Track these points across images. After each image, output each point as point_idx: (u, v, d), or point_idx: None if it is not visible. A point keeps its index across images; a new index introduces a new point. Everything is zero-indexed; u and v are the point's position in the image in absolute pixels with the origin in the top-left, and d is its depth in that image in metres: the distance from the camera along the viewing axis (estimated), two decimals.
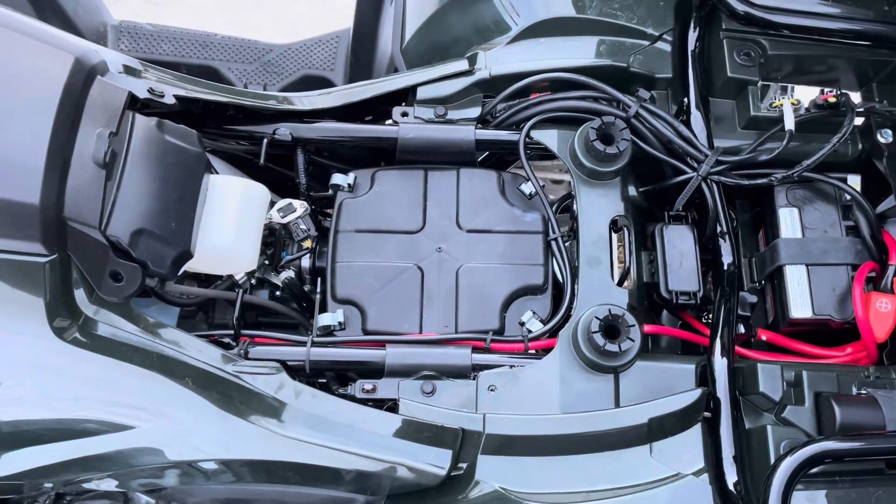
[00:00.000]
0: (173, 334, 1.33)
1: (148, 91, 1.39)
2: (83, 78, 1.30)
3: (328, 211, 1.62)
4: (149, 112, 1.40)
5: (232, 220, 1.41)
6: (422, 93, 1.59)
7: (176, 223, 1.34)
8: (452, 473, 1.29)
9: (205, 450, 1.29)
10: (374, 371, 1.36)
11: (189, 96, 1.46)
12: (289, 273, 1.51)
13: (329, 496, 1.41)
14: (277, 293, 1.54)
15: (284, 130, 1.55)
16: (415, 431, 1.29)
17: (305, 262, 1.52)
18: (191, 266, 1.39)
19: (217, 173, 1.52)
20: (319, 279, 1.50)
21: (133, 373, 1.29)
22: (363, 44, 2.37)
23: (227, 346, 1.38)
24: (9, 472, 1.26)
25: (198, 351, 1.33)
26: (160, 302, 1.46)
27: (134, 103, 1.37)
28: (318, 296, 1.48)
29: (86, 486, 1.36)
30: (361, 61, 2.41)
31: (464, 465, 1.29)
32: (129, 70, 1.42)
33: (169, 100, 1.41)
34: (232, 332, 1.41)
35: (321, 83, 2.45)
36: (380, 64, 2.27)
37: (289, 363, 1.36)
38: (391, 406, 1.34)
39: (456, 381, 1.34)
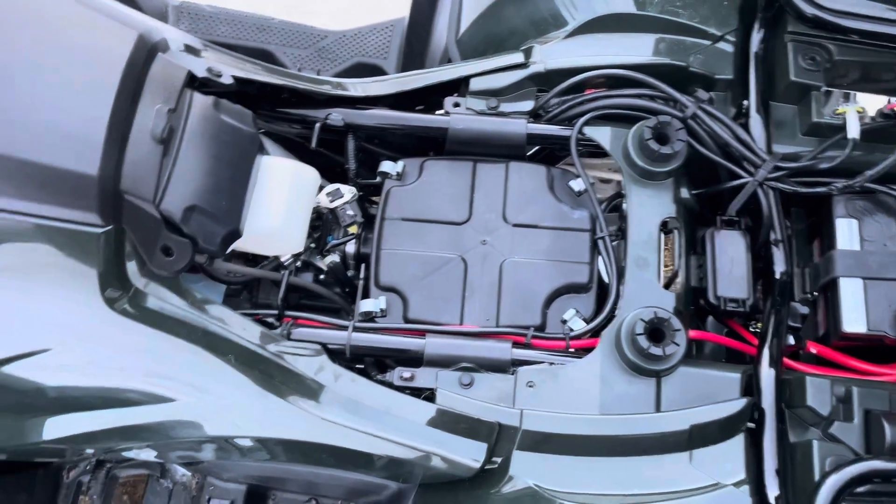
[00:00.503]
0: (219, 311, 1.35)
1: (207, 70, 1.41)
2: (145, 54, 1.33)
3: (375, 198, 1.62)
4: (206, 91, 1.42)
5: (282, 202, 1.43)
6: (475, 84, 1.59)
7: (227, 202, 1.36)
8: (486, 467, 1.29)
9: (243, 427, 1.31)
10: (413, 359, 1.37)
11: (246, 77, 1.48)
12: (333, 257, 1.52)
13: (361, 480, 1.42)
14: (321, 277, 1.55)
15: (337, 116, 1.56)
16: (451, 422, 1.29)
17: (350, 247, 1.53)
18: (239, 245, 1.41)
19: (269, 154, 1.54)
20: (363, 265, 1.50)
21: (178, 346, 1.31)
22: (418, 33, 2.37)
23: (270, 326, 1.40)
24: (53, 437, 1.29)
25: (242, 329, 1.34)
26: (207, 279, 1.49)
27: (192, 81, 1.39)
28: (361, 281, 1.49)
29: (126, 454, 1.40)
30: (415, 51, 2.40)
31: (498, 460, 1.29)
32: (189, 49, 1.44)
33: (227, 80, 1.43)
34: (276, 312, 1.43)
35: (374, 71, 2.45)
36: (433, 54, 2.27)
37: (330, 346, 1.37)
38: (428, 395, 1.34)
39: (494, 374, 1.34)
